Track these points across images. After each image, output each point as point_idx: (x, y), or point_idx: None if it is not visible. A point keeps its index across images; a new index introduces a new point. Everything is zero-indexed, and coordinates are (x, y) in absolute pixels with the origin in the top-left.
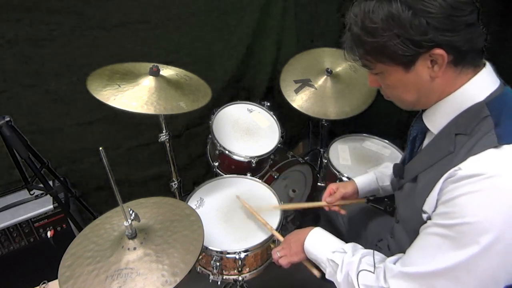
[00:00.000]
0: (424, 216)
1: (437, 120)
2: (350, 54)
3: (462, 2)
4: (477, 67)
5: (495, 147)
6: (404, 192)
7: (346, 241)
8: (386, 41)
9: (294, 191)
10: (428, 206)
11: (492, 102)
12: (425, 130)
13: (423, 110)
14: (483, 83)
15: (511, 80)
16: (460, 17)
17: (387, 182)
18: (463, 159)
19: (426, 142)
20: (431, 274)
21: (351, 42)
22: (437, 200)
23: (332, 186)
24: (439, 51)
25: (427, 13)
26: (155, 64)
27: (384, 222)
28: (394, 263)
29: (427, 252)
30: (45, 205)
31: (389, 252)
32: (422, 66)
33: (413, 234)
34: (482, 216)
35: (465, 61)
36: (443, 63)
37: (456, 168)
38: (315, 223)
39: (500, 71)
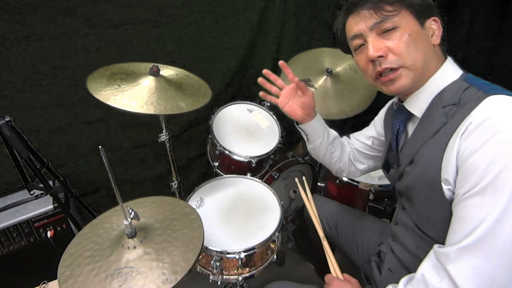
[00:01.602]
0: (446, 187)
1: (419, 103)
2: (365, 5)
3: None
4: (443, 57)
5: (487, 98)
6: (406, 176)
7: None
8: None
9: (295, 191)
10: (447, 172)
11: (466, 78)
12: (406, 121)
13: (401, 104)
14: (453, 67)
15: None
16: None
17: (320, 141)
18: (464, 117)
19: (410, 130)
20: (490, 232)
21: None
22: (457, 163)
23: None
24: (438, 19)
25: None
26: (155, 64)
27: (376, 226)
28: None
29: (473, 218)
30: (45, 205)
31: (393, 255)
32: (428, 30)
33: (418, 227)
34: (504, 156)
35: (443, 47)
36: (439, 34)
37: (466, 123)
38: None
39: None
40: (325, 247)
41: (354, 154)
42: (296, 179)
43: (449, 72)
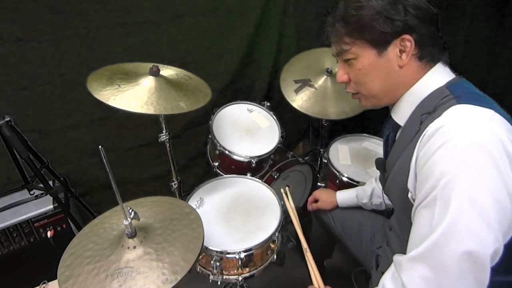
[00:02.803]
0: (409, 196)
1: (402, 112)
2: (331, 36)
3: (430, 3)
4: (429, 65)
5: (453, 106)
6: (388, 184)
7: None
8: (369, 15)
9: (288, 186)
10: (410, 182)
11: (451, 85)
12: (396, 128)
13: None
14: (440, 74)
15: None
16: (428, 14)
17: (366, 200)
18: (428, 124)
19: (398, 135)
20: (436, 244)
21: (334, 22)
22: (416, 173)
23: (310, 199)
24: (408, 37)
25: (405, 0)
26: (155, 64)
27: (380, 224)
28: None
29: (424, 227)
30: (45, 205)
31: (387, 260)
32: (393, 53)
33: (405, 233)
34: (452, 165)
35: (427, 56)
36: (410, 51)
37: (424, 132)
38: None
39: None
40: (308, 259)
41: None
42: (282, 190)
43: (434, 79)
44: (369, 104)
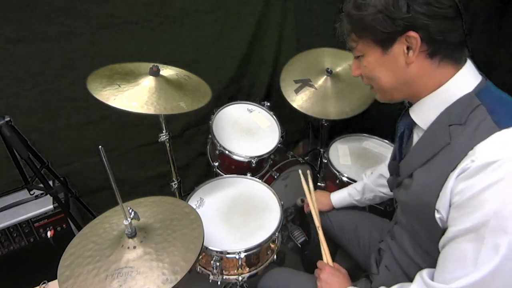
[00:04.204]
0: (437, 216)
1: (425, 115)
2: (343, 34)
3: None
4: (458, 63)
5: (497, 132)
6: (404, 189)
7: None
8: (369, 15)
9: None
10: (441, 204)
11: (480, 92)
12: (411, 126)
13: (410, 105)
14: (468, 77)
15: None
16: (438, 8)
17: (358, 197)
18: (467, 149)
19: (415, 137)
20: (482, 281)
21: (343, 21)
22: (450, 200)
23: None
24: (413, 34)
25: None
26: (155, 64)
27: (377, 223)
28: (432, 279)
29: (466, 260)
30: (45, 205)
31: (391, 254)
32: (399, 50)
33: (415, 233)
34: (508, 205)
35: (441, 53)
36: (416, 48)
37: (467, 161)
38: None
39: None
40: (319, 235)
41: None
42: (300, 171)
43: (463, 82)
44: (383, 98)
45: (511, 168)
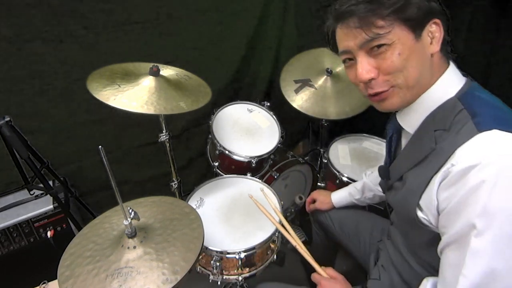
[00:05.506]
0: (421, 215)
1: (411, 119)
2: (364, 20)
3: None
4: (447, 62)
5: (477, 134)
6: (394, 191)
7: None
8: None
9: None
10: (424, 202)
11: (463, 96)
12: (400, 130)
13: (396, 111)
14: (451, 81)
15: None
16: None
17: (358, 195)
18: (449, 153)
19: (403, 141)
20: (485, 275)
21: (369, 5)
22: (438, 207)
23: (308, 200)
24: (439, 21)
25: None
26: (155, 64)
27: (378, 223)
28: None
29: (460, 268)
30: (45, 205)
31: (387, 253)
32: (426, 39)
33: (406, 234)
34: (491, 208)
35: (445, 49)
36: (439, 38)
37: (448, 165)
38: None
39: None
40: (301, 252)
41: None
42: (251, 197)
43: (447, 86)
44: (399, 100)
45: (491, 172)
